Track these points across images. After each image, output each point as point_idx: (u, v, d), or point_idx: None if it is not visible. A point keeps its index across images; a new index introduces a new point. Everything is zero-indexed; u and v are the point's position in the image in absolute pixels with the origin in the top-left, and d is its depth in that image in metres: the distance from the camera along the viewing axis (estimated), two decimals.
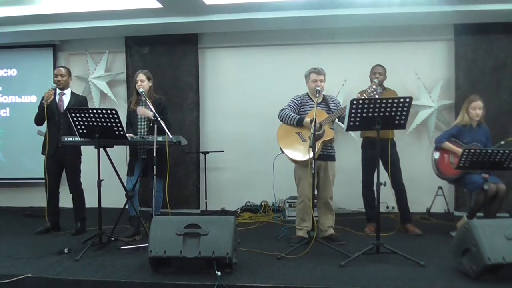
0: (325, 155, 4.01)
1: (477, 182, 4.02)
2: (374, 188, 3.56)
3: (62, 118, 4.36)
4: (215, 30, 5.66)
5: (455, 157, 4.16)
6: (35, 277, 3.07)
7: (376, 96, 3.68)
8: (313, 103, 3.99)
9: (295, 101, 4.13)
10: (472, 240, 2.93)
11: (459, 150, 4.13)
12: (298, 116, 4.00)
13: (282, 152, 4.00)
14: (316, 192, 3.87)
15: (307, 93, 4.17)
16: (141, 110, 4.16)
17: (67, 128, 4.28)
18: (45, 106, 4.28)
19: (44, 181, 4.41)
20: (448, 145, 4.28)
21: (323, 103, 4.06)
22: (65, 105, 4.42)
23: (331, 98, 4.17)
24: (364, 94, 3.77)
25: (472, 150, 3.73)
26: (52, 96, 4.34)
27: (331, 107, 4.08)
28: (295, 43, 5.77)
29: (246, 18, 5.13)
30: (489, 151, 3.70)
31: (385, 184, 3.52)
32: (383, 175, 4.25)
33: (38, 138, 4.48)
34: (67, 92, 4.51)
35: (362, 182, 4.52)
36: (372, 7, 4.87)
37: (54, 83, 4.43)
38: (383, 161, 4.18)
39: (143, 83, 4.20)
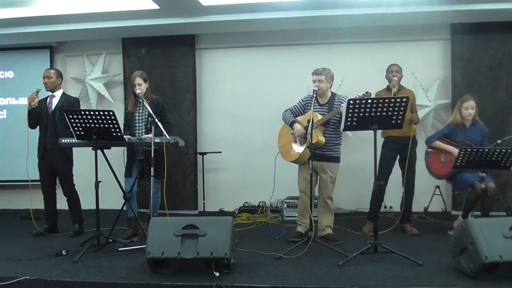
0: (321, 155, 4.02)
1: (467, 180, 4.03)
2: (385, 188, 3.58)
3: (49, 120, 4.35)
4: (212, 31, 5.66)
5: (447, 156, 4.17)
6: (33, 279, 3.06)
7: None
8: (316, 103, 4.01)
9: (301, 101, 4.20)
10: (469, 238, 2.94)
11: (451, 148, 4.15)
12: (292, 119, 4.10)
13: None
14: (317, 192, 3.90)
15: None
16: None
17: (54, 131, 4.27)
18: (28, 109, 4.27)
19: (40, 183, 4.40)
20: (439, 144, 4.29)
21: (327, 104, 4.07)
22: (54, 107, 4.41)
23: (338, 99, 4.07)
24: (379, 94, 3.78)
25: (469, 149, 3.74)
26: (36, 99, 4.30)
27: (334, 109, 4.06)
28: (292, 43, 5.77)
29: (243, 19, 5.13)
30: (486, 150, 3.71)
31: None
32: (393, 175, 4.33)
33: (35, 140, 4.47)
34: (57, 94, 4.48)
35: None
36: (369, 7, 4.87)
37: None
38: (401, 158, 4.17)
39: (141, 86, 4.18)
